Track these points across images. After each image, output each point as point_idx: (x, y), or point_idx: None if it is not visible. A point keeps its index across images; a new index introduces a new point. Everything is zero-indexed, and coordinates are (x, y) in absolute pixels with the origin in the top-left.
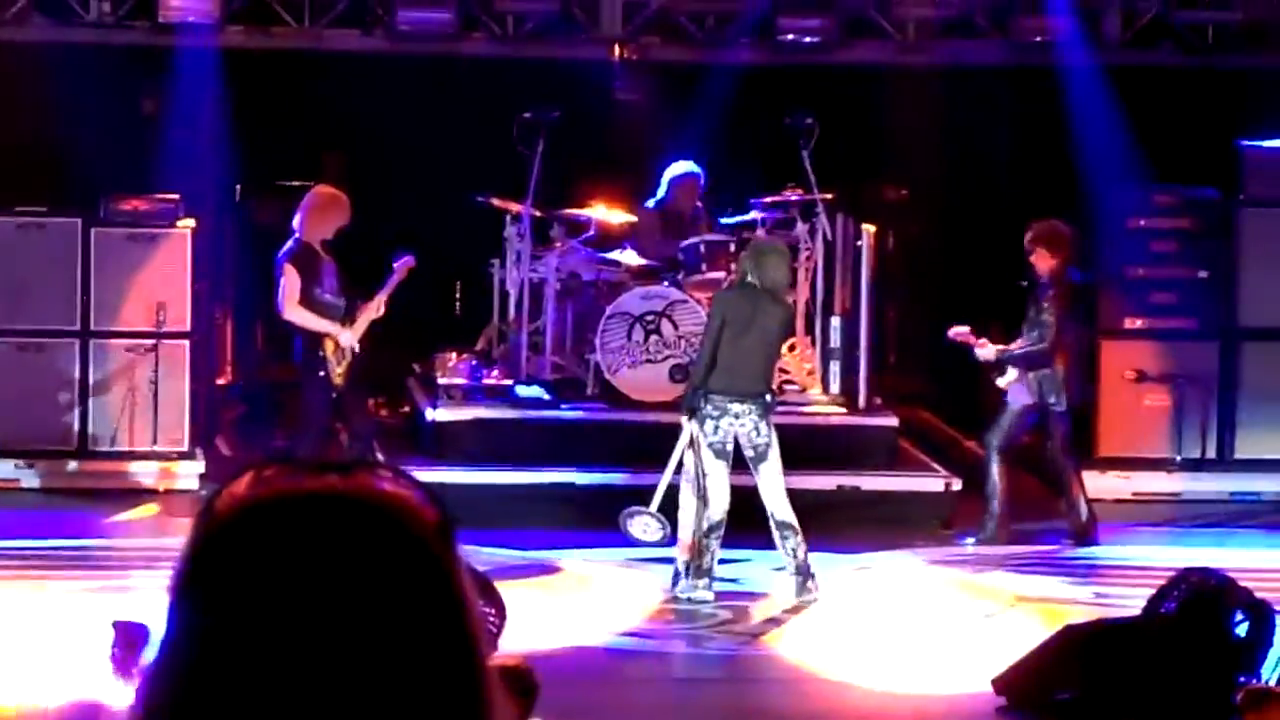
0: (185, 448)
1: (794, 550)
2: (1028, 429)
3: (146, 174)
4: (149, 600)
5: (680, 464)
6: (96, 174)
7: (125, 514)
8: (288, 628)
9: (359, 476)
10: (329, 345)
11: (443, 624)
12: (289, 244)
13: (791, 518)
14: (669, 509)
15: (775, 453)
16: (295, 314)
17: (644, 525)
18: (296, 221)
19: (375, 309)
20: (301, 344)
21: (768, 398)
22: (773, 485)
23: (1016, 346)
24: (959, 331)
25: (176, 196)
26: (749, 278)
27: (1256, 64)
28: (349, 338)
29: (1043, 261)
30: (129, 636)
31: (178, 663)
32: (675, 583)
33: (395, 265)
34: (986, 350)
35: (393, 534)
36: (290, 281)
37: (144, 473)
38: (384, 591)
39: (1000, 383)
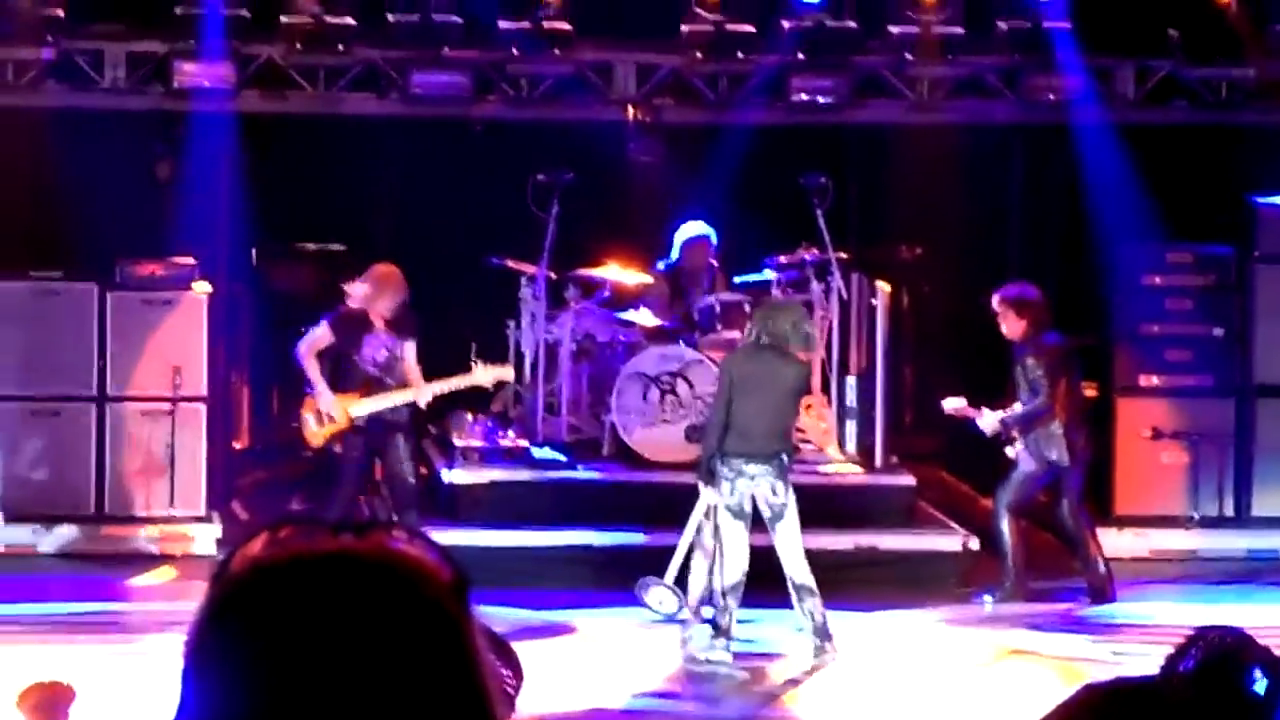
0: (201, 512)
1: (812, 612)
2: (1040, 488)
3: (162, 238)
4: (165, 664)
5: (698, 529)
6: (112, 239)
7: (142, 578)
8: (302, 688)
9: (373, 537)
10: (309, 405)
11: (456, 684)
12: (341, 305)
13: (809, 580)
14: (685, 579)
15: (793, 513)
16: (301, 356)
17: (659, 597)
18: (354, 289)
19: (408, 398)
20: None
21: (784, 458)
22: (790, 546)
23: (1014, 410)
24: (956, 405)
25: (192, 261)
26: (761, 338)
27: (1270, 120)
28: (330, 403)
29: (1011, 325)
30: (52, 699)
31: (195, 712)
32: (684, 641)
33: (476, 371)
34: (986, 419)
35: (407, 594)
36: (316, 331)
37: (160, 537)
38: (398, 652)
39: (1010, 453)
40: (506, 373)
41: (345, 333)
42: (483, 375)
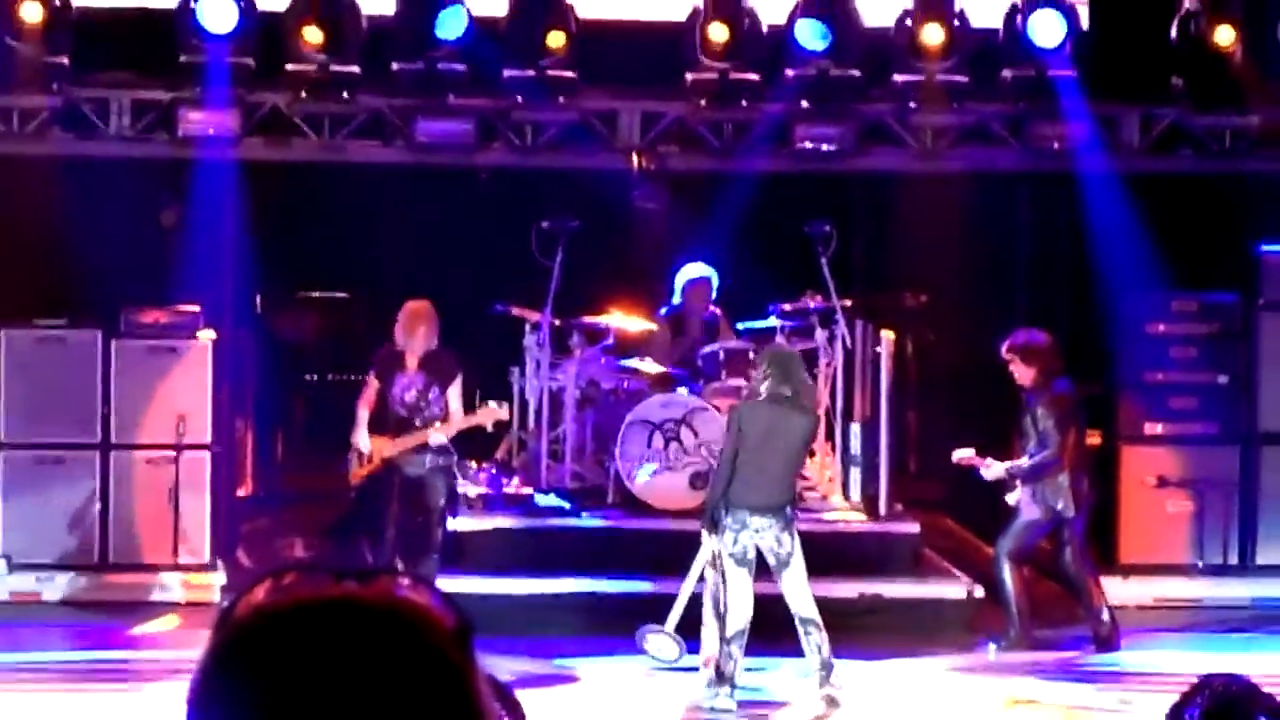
0: (206, 559)
1: (819, 646)
2: (1041, 536)
3: (166, 286)
4: (169, 712)
5: (701, 576)
6: (116, 286)
7: (146, 626)
8: None
9: (378, 584)
10: (353, 447)
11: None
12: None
13: (814, 614)
14: (687, 626)
15: (799, 559)
16: (358, 403)
17: (660, 645)
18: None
19: (421, 439)
20: None
21: (788, 510)
22: (796, 587)
23: (1022, 463)
24: (963, 455)
25: (197, 308)
26: (778, 387)
27: (1274, 168)
28: (365, 442)
29: (1021, 372)
30: None
31: None
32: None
33: (479, 412)
34: (993, 470)
35: (410, 641)
36: (368, 382)
37: (165, 585)
38: (401, 699)
39: (1009, 500)
40: (502, 413)
41: (381, 371)
42: (483, 416)
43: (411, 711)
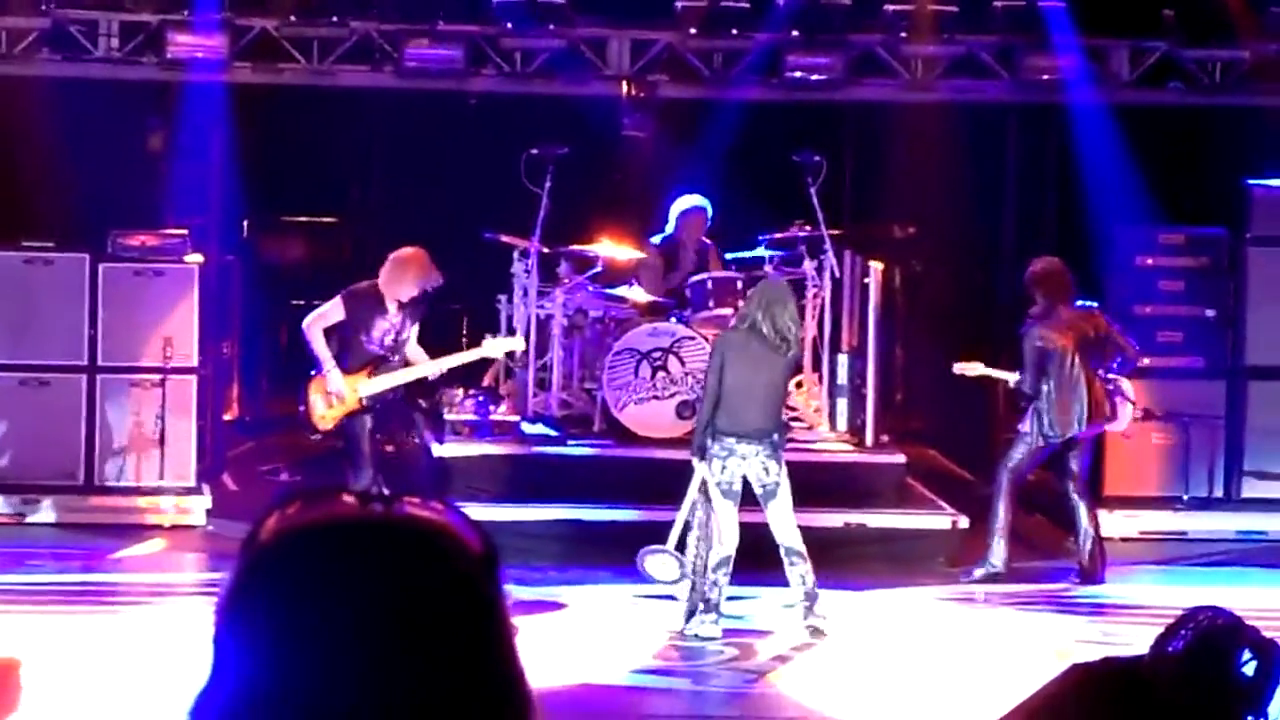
0: (192, 483)
1: (803, 576)
2: (1041, 459)
3: (154, 209)
4: (154, 635)
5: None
6: (104, 209)
7: (132, 549)
8: (334, 653)
9: (404, 507)
10: (318, 385)
11: (490, 648)
12: (364, 283)
13: (800, 545)
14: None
15: (785, 490)
16: (308, 329)
17: (662, 563)
18: (382, 269)
19: (421, 372)
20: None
21: (775, 437)
22: (782, 518)
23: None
24: (969, 366)
25: (184, 232)
26: (756, 324)
27: (1264, 103)
28: (339, 383)
29: (1040, 301)
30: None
31: (225, 689)
32: (687, 620)
33: (486, 344)
34: (1013, 377)
35: (439, 564)
36: (329, 306)
37: (151, 508)
38: (430, 621)
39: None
40: (517, 343)
41: (358, 311)
42: (493, 348)
43: (441, 633)
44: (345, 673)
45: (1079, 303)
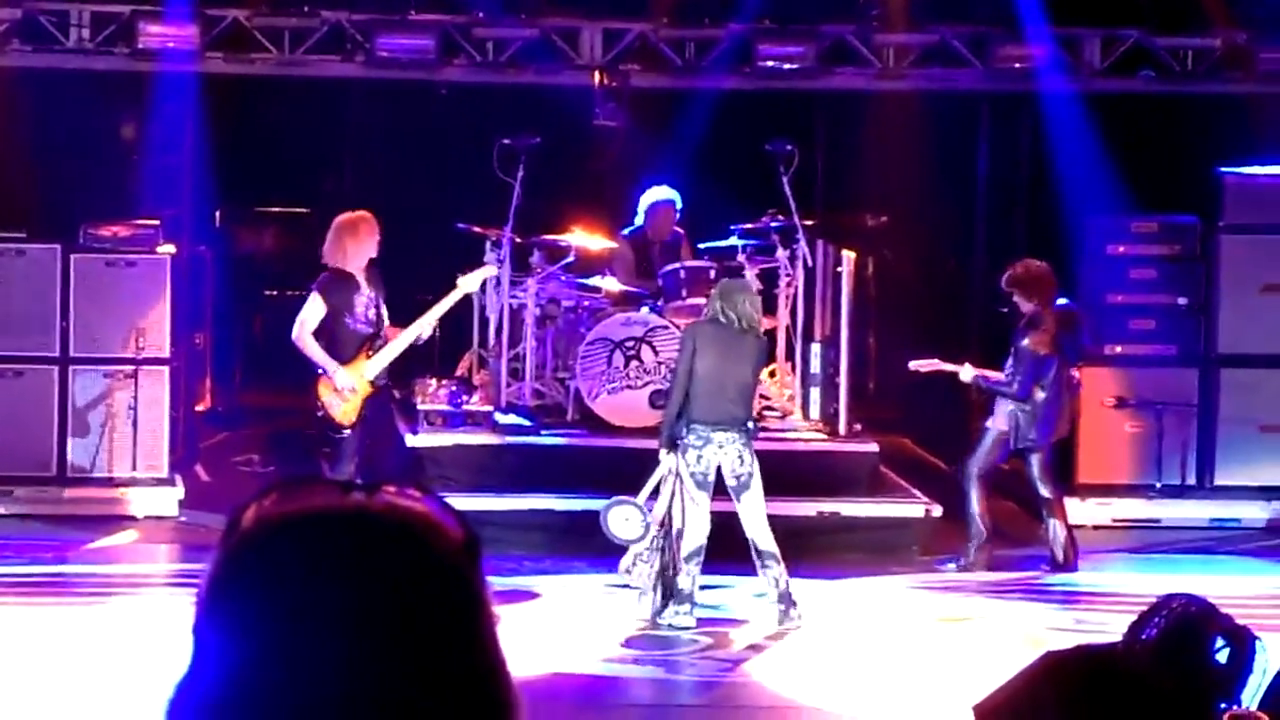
0: (164, 474)
1: (776, 579)
2: (1007, 456)
3: (126, 200)
4: (128, 625)
5: (655, 493)
6: (76, 200)
7: (104, 540)
8: (316, 642)
9: (385, 495)
10: (325, 388)
11: (471, 636)
12: (324, 273)
13: (773, 546)
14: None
15: (757, 481)
16: (300, 339)
17: (625, 516)
18: (327, 250)
19: (412, 338)
20: (313, 379)
21: (750, 425)
22: (754, 514)
23: (995, 376)
24: (925, 363)
25: (156, 222)
26: (718, 314)
27: (1235, 90)
28: (346, 378)
29: (1026, 304)
30: None
31: (205, 680)
32: (658, 609)
33: (460, 282)
34: (966, 371)
35: (421, 552)
36: (309, 307)
37: (123, 499)
38: (416, 605)
39: (990, 424)
40: (489, 270)
41: (336, 296)
42: (468, 283)
43: (423, 621)
44: (327, 662)
45: (1058, 302)
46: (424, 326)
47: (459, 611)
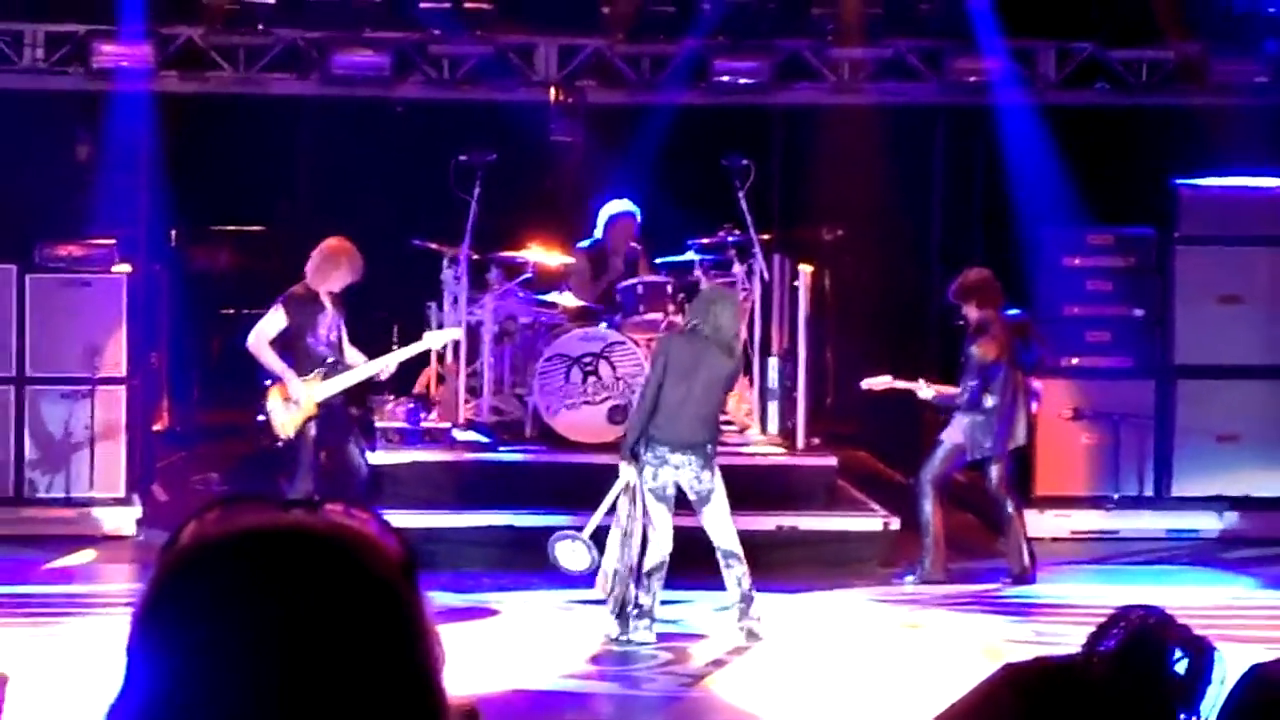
0: (122, 494)
1: (739, 579)
2: (961, 467)
3: (81, 220)
4: (85, 646)
5: (613, 508)
6: (31, 220)
7: (62, 560)
8: (252, 662)
9: (324, 513)
10: (277, 393)
11: (405, 657)
12: (295, 286)
13: (737, 547)
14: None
15: (720, 495)
16: (255, 347)
17: (572, 550)
18: (309, 266)
19: (370, 371)
20: (260, 388)
21: (709, 448)
22: (718, 521)
23: (951, 391)
24: (877, 381)
25: (112, 242)
26: (699, 326)
27: (1190, 102)
28: (299, 389)
29: (974, 312)
30: None
31: (136, 699)
32: (620, 626)
33: (427, 337)
34: (923, 390)
35: (357, 569)
36: (270, 318)
37: (81, 519)
38: (349, 625)
39: (945, 436)
40: (456, 333)
41: (300, 313)
42: (434, 339)
43: (359, 637)
44: (258, 681)
45: (1010, 311)
46: (380, 366)
47: (393, 631)
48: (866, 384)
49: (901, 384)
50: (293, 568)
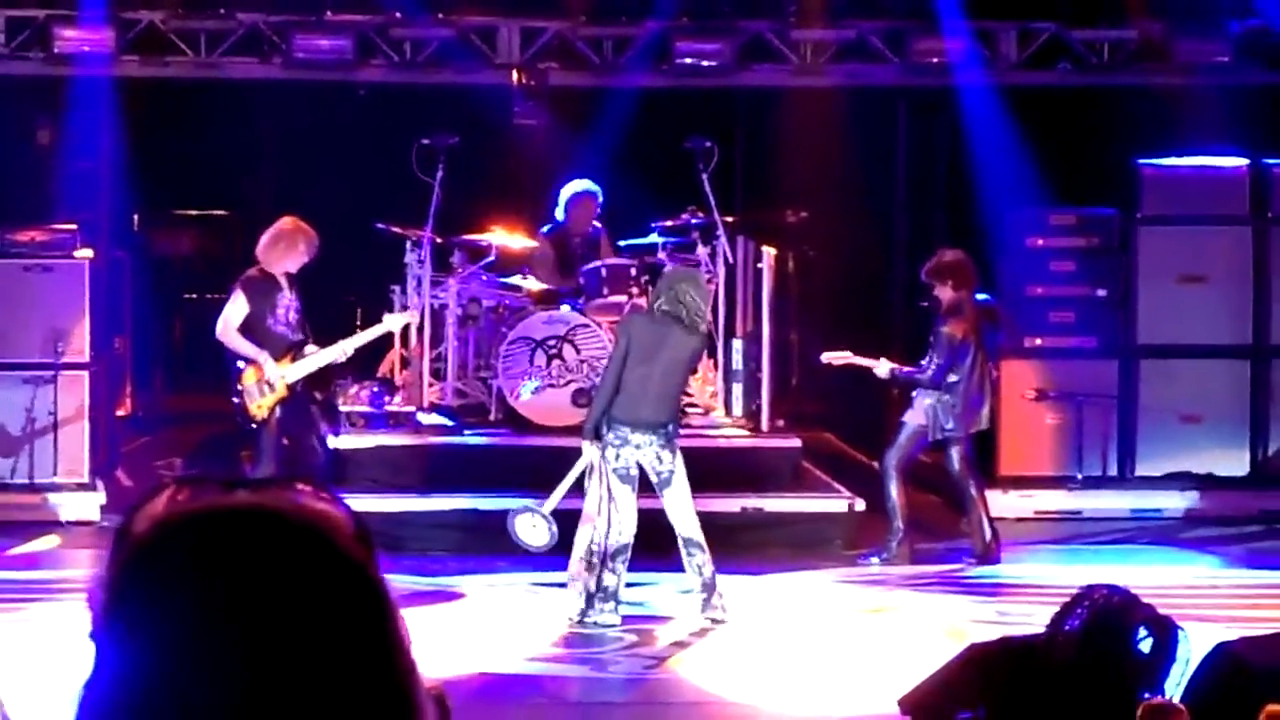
0: (85, 479)
1: (700, 567)
2: (924, 448)
3: (43, 205)
4: (49, 632)
5: (581, 484)
6: None
7: (26, 546)
8: (214, 642)
9: (273, 492)
10: (252, 375)
11: (372, 628)
12: (250, 269)
13: (698, 535)
14: (564, 530)
15: (681, 477)
16: (226, 337)
17: (532, 525)
18: (259, 248)
19: (333, 355)
20: (232, 373)
21: (670, 428)
22: (679, 507)
23: (906, 369)
24: (836, 356)
25: (74, 226)
26: (663, 305)
27: (1152, 82)
28: (274, 370)
29: (946, 293)
30: None
31: (108, 685)
32: (585, 608)
33: (386, 319)
34: (881, 367)
35: (313, 543)
36: (233, 305)
37: (44, 504)
38: (311, 602)
39: (908, 419)
40: (413, 317)
41: (259, 296)
42: (393, 322)
43: (335, 617)
44: (232, 661)
45: (979, 296)
46: (345, 349)
47: (367, 609)
48: (826, 357)
49: (862, 361)
50: (248, 544)
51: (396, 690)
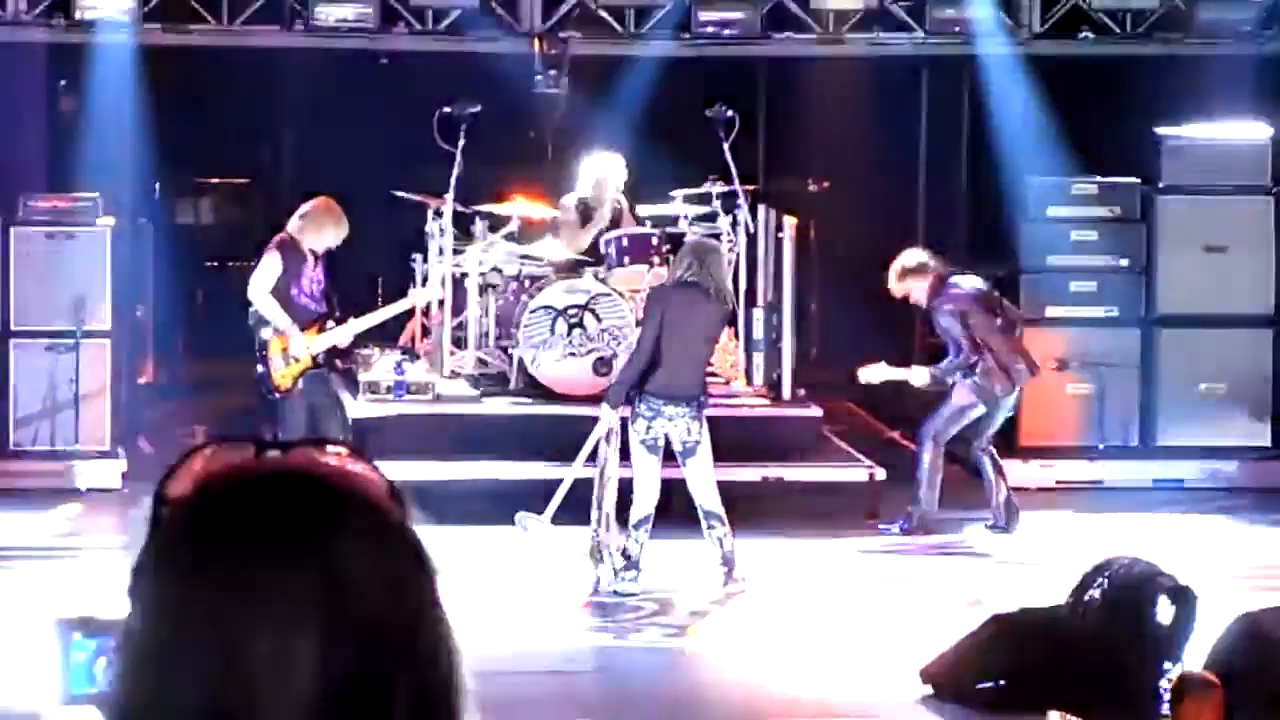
0: (107, 447)
1: (720, 539)
2: (968, 420)
3: (65, 172)
4: (73, 599)
5: (594, 454)
6: (14, 173)
7: (48, 513)
8: (254, 602)
9: (304, 452)
10: (278, 344)
11: (415, 584)
12: (281, 233)
13: (719, 508)
14: (574, 508)
15: (705, 448)
16: (261, 298)
17: (533, 525)
18: (292, 221)
19: (358, 329)
20: (257, 342)
21: (702, 399)
22: (701, 478)
23: (942, 365)
24: (873, 371)
25: (95, 195)
26: (690, 276)
27: (1174, 50)
28: (300, 344)
29: (919, 293)
30: None
31: (144, 649)
32: (600, 577)
33: (411, 294)
34: (917, 375)
35: (354, 502)
36: (267, 265)
37: (66, 472)
38: (357, 558)
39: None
40: (437, 291)
41: (290, 261)
42: (419, 296)
43: (368, 571)
44: (268, 619)
45: (978, 284)
46: (370, 322)
47: (401, 554)
48: (863, 376)
49: (897, 374)
50: (309, 504)
51: (438, 645)
